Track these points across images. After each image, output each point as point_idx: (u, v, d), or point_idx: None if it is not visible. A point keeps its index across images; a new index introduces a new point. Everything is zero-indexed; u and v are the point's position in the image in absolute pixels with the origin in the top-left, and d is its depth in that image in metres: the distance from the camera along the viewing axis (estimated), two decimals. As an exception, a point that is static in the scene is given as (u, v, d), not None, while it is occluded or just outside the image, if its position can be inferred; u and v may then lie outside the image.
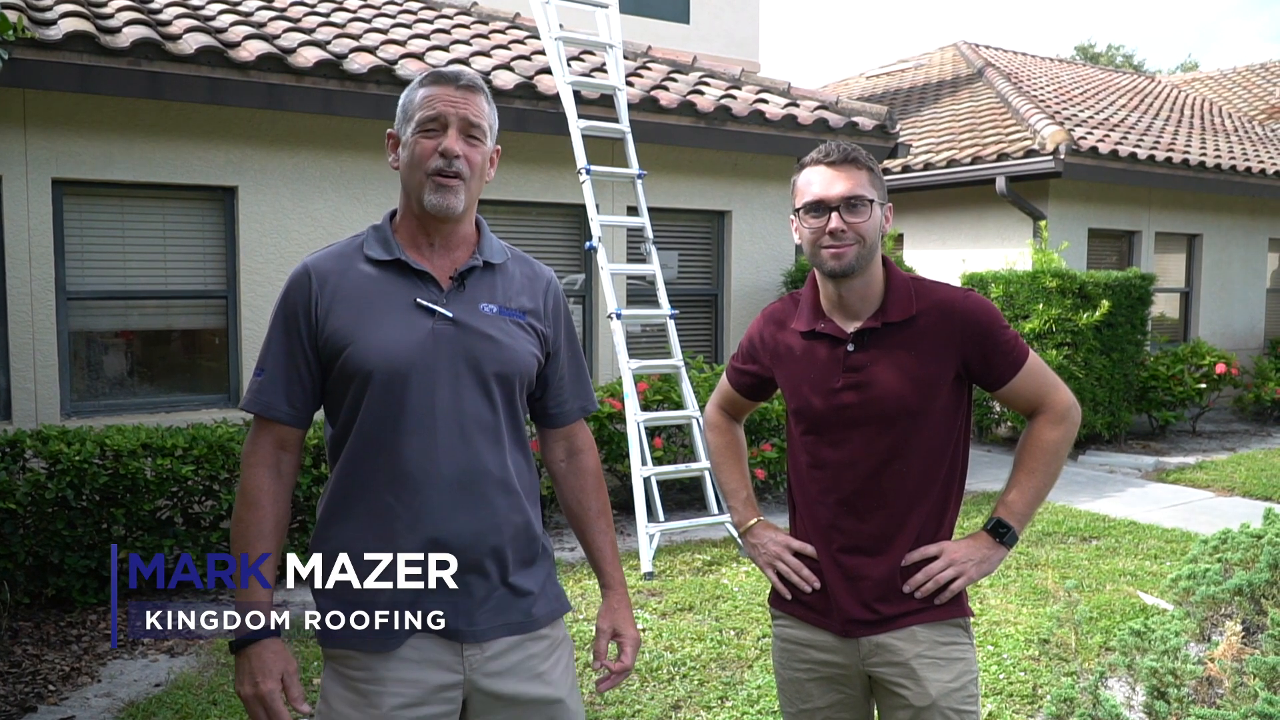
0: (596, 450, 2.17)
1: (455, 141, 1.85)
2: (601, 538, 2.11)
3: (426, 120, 1.86)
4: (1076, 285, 9.08)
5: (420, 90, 1.89)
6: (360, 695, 1.84)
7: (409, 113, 1.89)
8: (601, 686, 2.07)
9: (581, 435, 2.14)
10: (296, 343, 1.89)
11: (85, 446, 4.89)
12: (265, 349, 1.92)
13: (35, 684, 4.14)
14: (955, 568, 2.05)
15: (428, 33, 8.04)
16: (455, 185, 1.86)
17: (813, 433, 2.12)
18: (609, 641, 2.08)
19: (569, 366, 2.08)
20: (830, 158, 2.03)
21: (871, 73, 17.62)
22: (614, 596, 2.10)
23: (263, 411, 1.89)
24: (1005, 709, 3.94)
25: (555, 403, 2.07)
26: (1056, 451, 2.10)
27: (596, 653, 2.07)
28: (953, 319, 2.05)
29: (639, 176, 6.62)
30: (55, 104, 5.84)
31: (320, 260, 1.92)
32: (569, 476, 2.12)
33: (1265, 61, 19.30)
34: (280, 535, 1.89)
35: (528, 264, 2.06)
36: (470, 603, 1.86)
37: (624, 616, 2.08)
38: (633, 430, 5.93)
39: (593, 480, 2.13)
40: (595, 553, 2.12)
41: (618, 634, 2.07)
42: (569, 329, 2.09)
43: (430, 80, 1.89)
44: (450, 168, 1.85)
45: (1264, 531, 4.60)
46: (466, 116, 1.86)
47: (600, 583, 2.12)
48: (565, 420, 2.10)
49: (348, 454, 1.86)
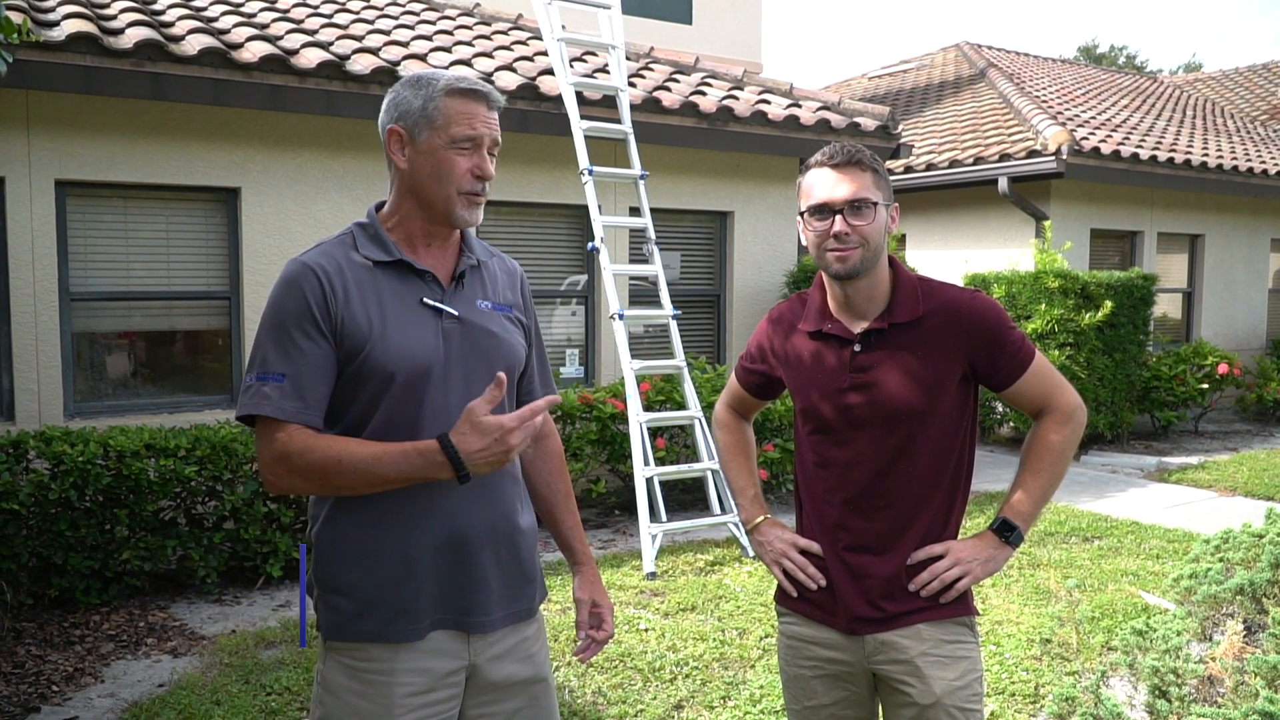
0: (558, 435, 2.25)
1: (489, 164, 1.90)
2: (570, 517, 2.20)
3: (464, 138, 1.86)
4: (1079, 285, 9.08)
5: (451, 101, 1.86)
6: (369, 685, 1.86)
7: (435, 121, 1.85)
8: (586, 655, 2.17)
9: (546, 421, 2.19)
10: (316, 341, 1.81)
11: (88, 447, 4.90)
12: (279, 350, 1.80)
13: (39, 684, 4.15)
14: (961, 567, 2.05)
15: (430, 34, 8.05)
16: (483, 201, 1.93)
17: (820, 432, 2.13)
18: (589, 611, 2.16)
19: (537, 355, 2.16)
20: (835, 160, 2.04)
21: (874, 73, 17.63)
22: (587, 570, 2.19)
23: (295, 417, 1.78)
24: (1007, 708, 3.94)
25: (526, 391, 2.13)
26: (1062, 452, 2.10)
27: (579, 623, 2.17)
28: (960, 320, 2.06)
29: (641, 177, 6.63)
30: (58, 105, 5.86)
31: (318, 258, 1.87)
32: (538, 461, 2.18)
33: (1267, 62, 19.27)
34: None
35: (501, 259, 2.12)
36: (486, 595, 1.92)
37: (599, 587, 2.19)
38: (635, 431, 5.93)
39: (559, 463, 2.21)
40: (566, 532, 2.20)
41: (596, 604, 2.16)
42: (536, 320, 2.17)
43: (464, 94, 1.87)
44: (483, 191, 1.91)
45: (1265, 531, 4.60)
46: (496, 138, 1.91)
47: (572, 560, 2.21)
48: None
49: None
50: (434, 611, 1.88)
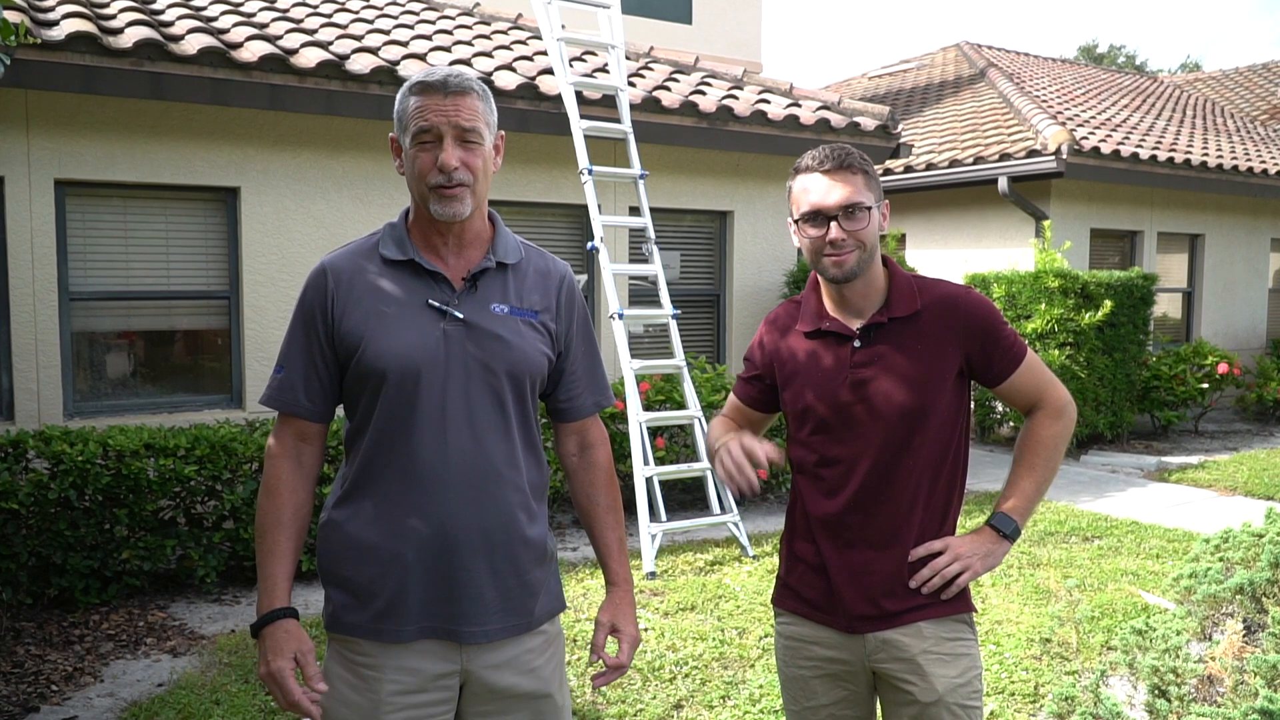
0: (609, 446, 2.17)
1: (451, 154, 1.83)
2: (610, 533, 2.11)
3: (420, 132, 1.85)
4: (1079, 285, 9.08)
5: (411, 99, 1.86)
6: (361, 679, 1.88)
7: (404, 122, 1.88)
8: (597, 682, 2.08)
9: (594, 430, 2.14)
10: (314, 340, 1.92)
11: (88, 447, 4.90)
12: (286, 346, 1.96)
13: (38, 684, 4.14)
14: (961, 562, 2.06)
15: (430, 33, 8.05)
16: (459, 193, 1.86)
17: (819, 430, 2.12)
18: (607, 636, 2.08)
19: (583, 361, 2.09)
20: (825, 165, 2.03)
21: (874, 73, 17.62)
22: (618, 593, 2.10)
23: (283, 407, 1.94)
24: (1007, 708, 3.94)
25: (567, 397, 2.08)
26: (1055, 447, 2.11)
27: (594, 646, 2.08)
28: (956, 314, 2.07)
29: (641, 177, 6.63)
30: (58, 105, 5.86)
31: (338, 259, 1.94)
32: (580, 471, 2.13)
33: (1267, 61, 19.27)
34: (300, 523, 1.94)
35: (542, 259, 2.06)
36: (479, 605, 1.88)
37: (625, 614, 2.08)
38: (635, 430, 5.93)
39: (604, 475, 2.13)
40: (602, 547, 2.12)
41: (617, 630, 2.07)
42: (584, 324, 2.09)
43: (418, 89, 1.86)
44: (450, 181, 1.84)
45: (1265, 530, 4.60)
46: (459, 123, 1.84)
47: (605, 578, 2.13)
48: (577, 415, 2.11)
49: (364, 449, 1.90)
50: (422, 617, 1.87)
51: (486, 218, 2.00)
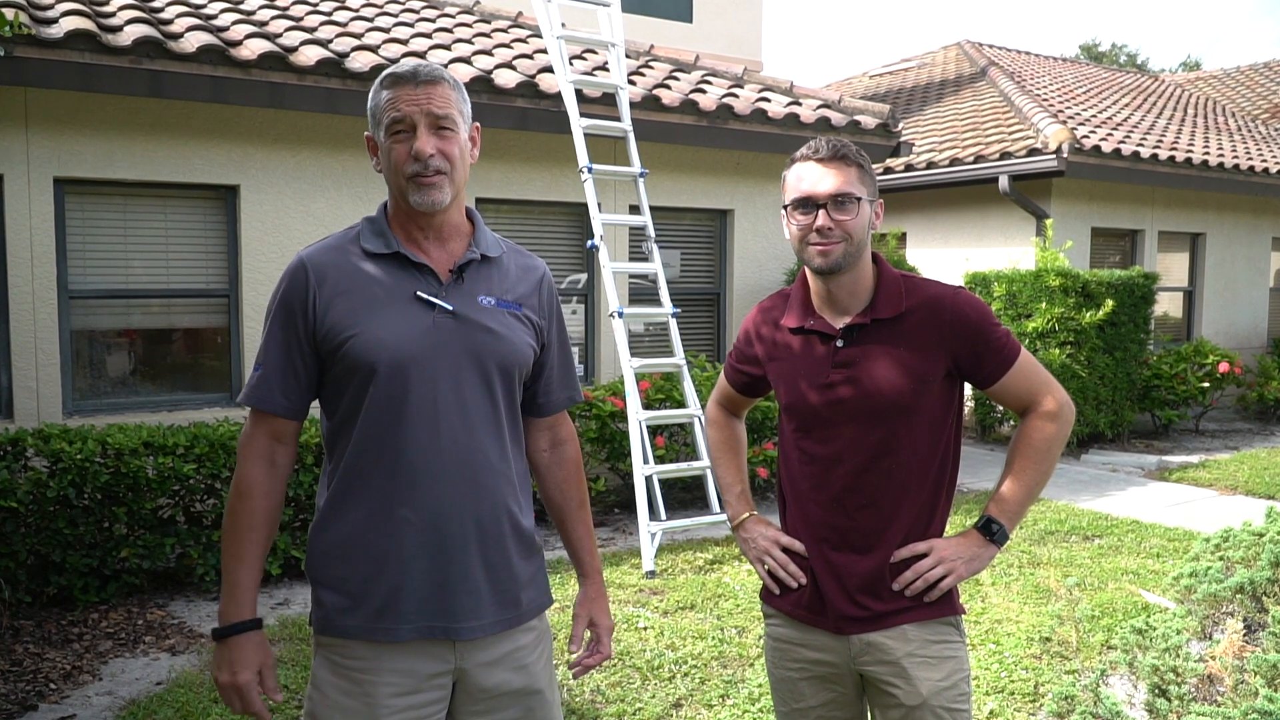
0: (578, 442, 2.20)
1: (426, 142, 1.83)
2: (582, 527, 2.16)
3: (394, 124, 1.85)
4: (1080, 284, 9.07)
5: (383, 93, 1.87)
6: (354, 684, 1.86)
7: (377, 117, 1.88)
8: (577, 672, 2.14)
9: (565, 426, 2.16)
10: (293, 337, 1.89)
11: (87, 445, 4.90)
12: (263, 344, 1.92)
13: (36, 682, 4.14)
14: (944, 565, 2.04)
15: (430, 31, 8.04)
16: (437, 181, 1.86)
17: (803, 429, 2.12)
18: (585, 628, 2.14)
19: (558, 356, 2.11)
20: (820, 154, 2.02)
21: (875, 72, 17.61)
22: (592, 585, 2.16)
23: (258, 404, 1.90)
24: (1006, 707, 3.94)
25: (544, 393, 2.09)
26: (1049, 449, 2.08)
27: (574, 638, 2.13)
28: (942, 316, 2.05)
29: (641, 175, 6.62)
30: (57, 102, 5.85)
31: (316, 254, 1.91)
32: (552, 467, 2.14)
33: (1269, 60, 19.25)
34: (270, 528, 1.92)
35: (521, 256, 2.07)
36: (474, 599, 1.88)
37: (601, 605, 2.15)
38: (635, 429, 5.93)
39: (575, 470, 2.16)
40: (575, 542, 2.16)
41: (594, 622, 2.14)
42: (560, 320, 2.11)
43: (389, 82, 1.87)
44: (427, 169, 1.84)
45: (1265, 529, 4.59)
46: (431, 111, 1.84)
47: (579, 572, 2.17)
48: (551, 410, 2.12)
49: (351, 446, 1.88)
50: (418, 616, 1.85)
51: (465, 212, 2.00)
